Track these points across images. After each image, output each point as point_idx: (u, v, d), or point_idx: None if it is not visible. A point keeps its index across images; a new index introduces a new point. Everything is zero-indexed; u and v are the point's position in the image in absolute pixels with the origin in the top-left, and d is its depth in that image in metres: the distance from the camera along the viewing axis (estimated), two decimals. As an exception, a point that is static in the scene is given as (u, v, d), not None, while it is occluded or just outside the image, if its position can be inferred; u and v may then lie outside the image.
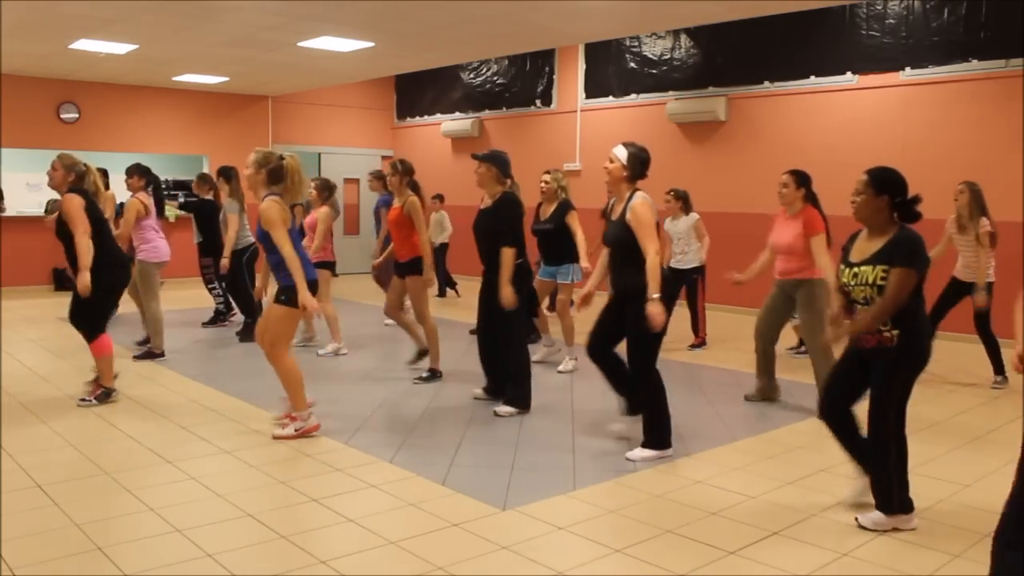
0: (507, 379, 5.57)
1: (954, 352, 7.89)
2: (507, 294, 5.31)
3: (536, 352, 7.18)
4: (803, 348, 7.56)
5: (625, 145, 4.62)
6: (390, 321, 8.50)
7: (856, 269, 3.57)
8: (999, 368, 6.70)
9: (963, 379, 6.82)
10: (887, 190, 3.54)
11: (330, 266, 7.56)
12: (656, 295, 4.28)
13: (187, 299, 10.59)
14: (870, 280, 3.50)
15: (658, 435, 4.59)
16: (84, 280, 5.27)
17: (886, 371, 3.53)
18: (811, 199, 5.62)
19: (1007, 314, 7.64)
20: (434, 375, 6.40)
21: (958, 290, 6.78)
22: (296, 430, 4.83)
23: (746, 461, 4.57)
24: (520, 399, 5.49)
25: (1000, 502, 3.97)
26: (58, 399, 5.70)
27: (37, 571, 3.10)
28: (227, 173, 8.16)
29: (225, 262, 7.83)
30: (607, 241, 4.69)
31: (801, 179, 5.58)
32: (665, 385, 4.64)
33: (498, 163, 5.61)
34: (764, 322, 5.83)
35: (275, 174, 4.76)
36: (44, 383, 6.15)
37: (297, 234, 4.90)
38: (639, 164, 4.58)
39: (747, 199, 9.99)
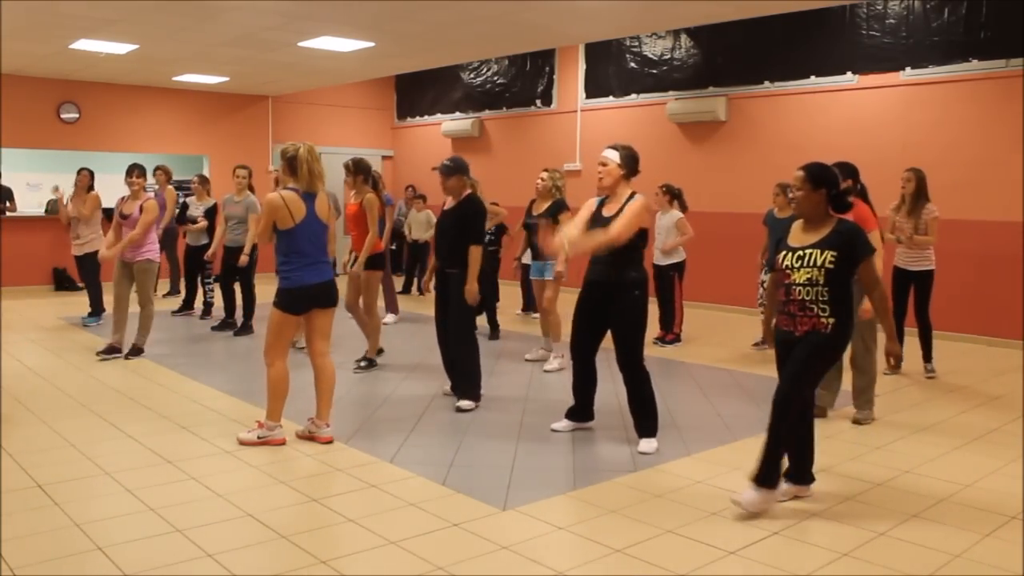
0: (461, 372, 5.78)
1: (952, 352, 7.89)
2: (472, 290, 5.47)
3: (531, 352, 7.31)
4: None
5: (613, 147, 4.71)
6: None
7: (801, 252, 3.72)
8: (928, 356, 6.87)
9: (961, 379, 6.81)
10: (823, 184, 3.75)
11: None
12: (591, 245, 4.50)
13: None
14: (819, 262, 3.66)
15: (655, 421, 4.77)
16: None
17: (812, 350, 3.71)
18: (860, 193, 5.37)
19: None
20: (371, 363, 6.77)
21: (904, 279, 6.80)
22: (258, 437, 4.68)
23: (746, 461, 4.55)
24: (474, 393, 5.60)
25: (1000, 502, 3.98)
26: (58, 399, 5.70)
27: (37, 571, 3.11)
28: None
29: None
30: None
31: (847, 172, 5.27)
32: (665, 385, 4.74)
33: (464, 171, 5.69)
34: None
35: (290, 165, 4.64)
36: (44, 383, 6.15)
37: (306, 230, 4.61)
38: (633, 162, 4.70)
39: (747, 199, 9.99)
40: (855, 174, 5.42)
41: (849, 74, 9.32)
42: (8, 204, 11.60)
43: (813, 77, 9.63)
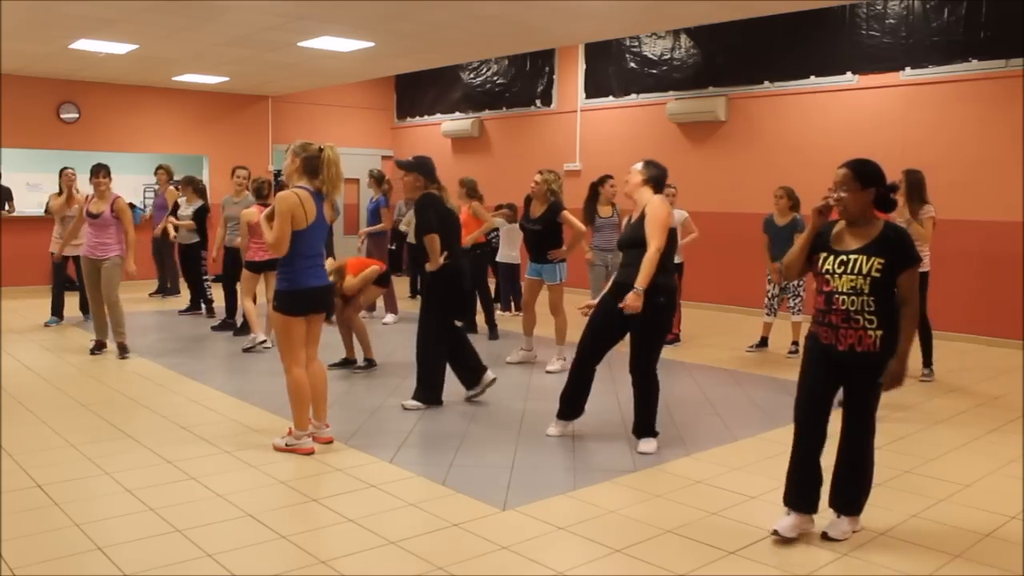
0: (473, 368, 5.76)
1: (952, 352, 7.90)
2: (430, 267, 5.53)
3: (513, 354, 7.24)
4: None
5: (644, 160, 4.84)
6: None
7: (845, 256, 3.37)
8: (928, 360, 6.78)
9: (961, 379, 6.81)
10: (872, 182, 3.39)
11: None
12: (643, 287, 4.45)
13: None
14: (865, 269, 3.31)
15: (654, 423, 4.77)
16: None
17: (869, 378, 3.41)
18: None
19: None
20: (370, 364, 6.79)
21: None
22: (286, 444, 4.62)
23: (746, 461, 4.56)
24: (425, 395, 5.59)
25: (1000, 502, 3.98)
26: (58, 399, 5.70)
27: (37, 571, 3.11)
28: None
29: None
30: (622, 244, 4.81)
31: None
32: (665, 385, 4.79)
33: (424, 171, 5.59)
34: None
35: (310, 164, 4.52)
36: (44, 383, 6.15)
37: (316, 231, 4.55)
38: (656, 173, 4.77)
39: (747, 199, 9.99)
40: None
41: (849, 74, 9.32)
42: (8, 205, 11.60)
43: (813, 77, 9.63)
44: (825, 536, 3.51)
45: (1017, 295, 8.14)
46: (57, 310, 8.80)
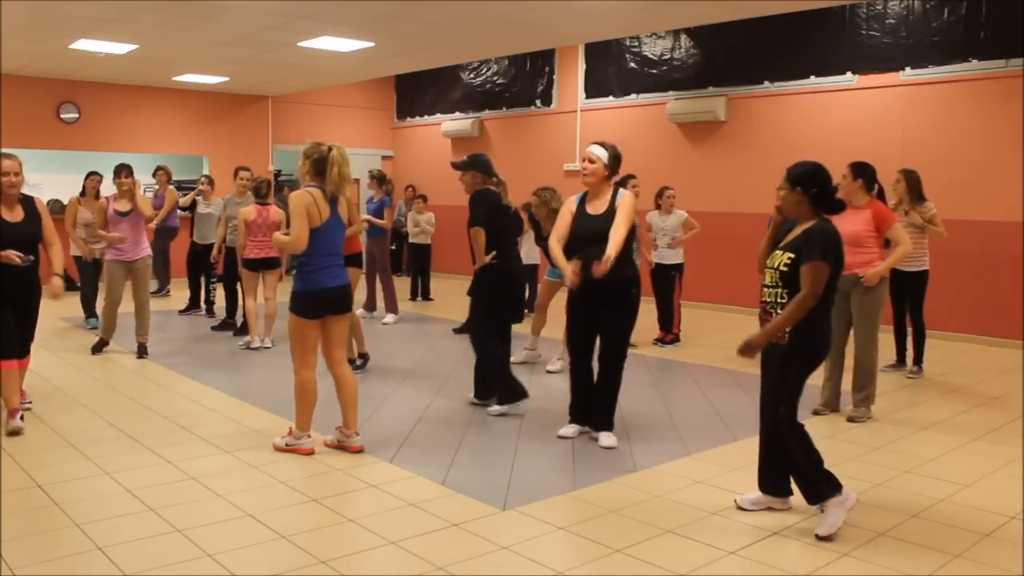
0: (491, 388, 5.64)
1: (952, 352, 7.90)
2: (476, 265, 5.50)
3: (517, 354, 7.13)
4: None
5: (600, 144, 4.73)
6: None
7: (774, 252, 3.72)
8: (918, 358, 6.81)
9: (961, 379, 6.81)
10: (799, 183, 3.64)
11: None
12: (614, 255, 4.45)
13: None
14: (776, 264, 3.65)
15: (613, 417, 4.86)
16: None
17: (779, 364, 3.68)
18: (878, 195, 5.56)
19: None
20: (366, 358, 6.81)
21: (901, 281, 6.62)
22: (286, 444, 4.62)
23: (746, 461, 4.56)
24: (505, 396, 5.50)
25: (1000, 502, 3.99)
26: (58, 399, 5.70)
27: (37, 571, 3.11)
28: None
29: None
30: (588, 236, 4.68)
31: (859, 171, 5.39)
32: (665, 385, 4.78)
33: (480, 168, 5.59)
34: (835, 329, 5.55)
35: (318, 165, 4.49)
36: (44, 383, 6.14)
37: (332, 230, 4.50)
38: (617, 163, 4.75)
39: (747, 199, 9.99)
40: (866, 174, 5.43)
41: (849, 74, 9.32)
42: None
43: (813, 77, 9.63)
44: (819, 536, 3.52)
45: (1017, 295, 8.14)
46: (92, 310, 8.63)
